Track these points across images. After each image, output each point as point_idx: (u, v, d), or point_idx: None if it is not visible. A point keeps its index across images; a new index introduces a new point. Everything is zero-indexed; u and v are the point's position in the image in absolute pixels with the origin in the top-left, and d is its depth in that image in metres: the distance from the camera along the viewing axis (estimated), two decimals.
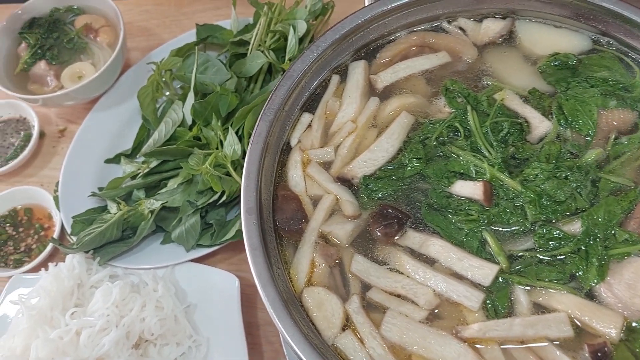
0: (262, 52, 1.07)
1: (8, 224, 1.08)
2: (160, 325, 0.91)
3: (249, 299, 0.99)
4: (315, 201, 0.68)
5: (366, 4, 0.75)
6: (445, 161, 0.67)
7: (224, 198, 0.98)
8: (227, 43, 1.18)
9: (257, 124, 0.67)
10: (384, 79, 0.74)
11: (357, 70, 0.74)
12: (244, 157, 0.99)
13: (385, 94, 0.74)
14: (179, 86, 1.17)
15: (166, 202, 0.98)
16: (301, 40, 1.10)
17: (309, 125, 0.72)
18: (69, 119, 1.22)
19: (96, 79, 1.09)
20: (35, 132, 1.15)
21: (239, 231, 0.97)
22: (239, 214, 1.02)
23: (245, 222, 0.62)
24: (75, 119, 1.22)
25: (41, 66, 1.13)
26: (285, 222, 0.66)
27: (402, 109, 0.72)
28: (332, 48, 0.73)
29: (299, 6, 1.16)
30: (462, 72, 0.75)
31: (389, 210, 0.64)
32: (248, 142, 1.01)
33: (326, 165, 0.71)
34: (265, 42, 1.10)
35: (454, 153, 0.68)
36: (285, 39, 1.11)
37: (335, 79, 0.75)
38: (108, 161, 1.12)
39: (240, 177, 0.97)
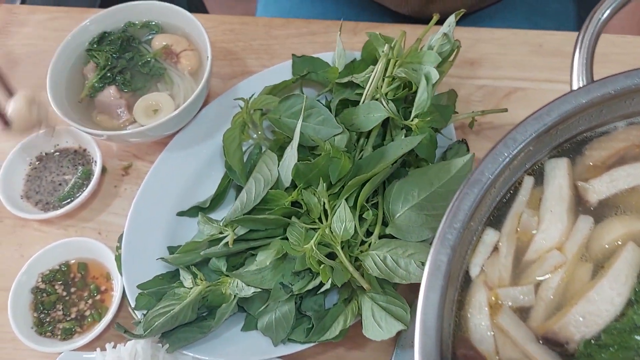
0: (380, 101, 0.88)
1: (58, 282, 0.91)
2: None
3: None
4: None
5: (575, 87, 0.55)
6: None
7: (327, 287, 0.79)
8: (328, 82, 0.99)
9: (433, 249, 0.48)
10: (598, 189, 0.54)
11: (559, 173, 0.55)
12: (354, 236, 0.80)
13: (599, 212, 0.54)
14: (266, 125, 0.99)
15: (258, 290, 0.79)
16: None
17: (495, 248, 0.53)
18: (134, 154, 1.04)
19: (176, 116, 0.90)
20: (97, 170, 0.97)
21: (344, 330, 0.79)
22: (340, 303, 0.84)
23: None
24: (142, 155, 1.04)
25: (111, 93, 0.95)
26: None
27: (627, 238, 0.52)
28: (534, 143, 0.53)
29: (421, 45, 0.96)
30: None
31: None
32: (360, 215, 0.83)
33: (523, 312, 0.51)
34: (380, 87, 0.91)
35: None
36: (406, 87, 0.91)
37: (528, 182, 0.55)
38: (181, 214, 0.94)
39: (350, 261, 0.79)
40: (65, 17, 1.22)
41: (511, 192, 0.55)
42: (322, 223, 0.81)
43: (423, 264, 0.73)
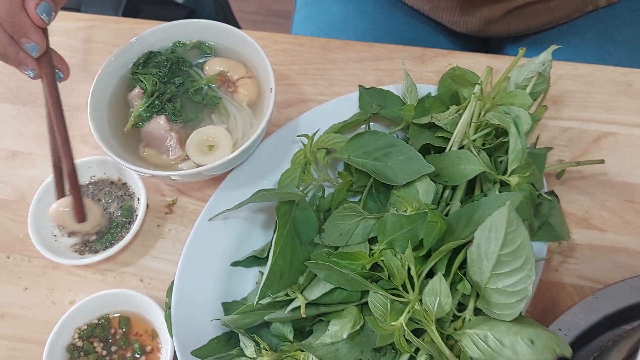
0: (470, 150, 0.78)
1: (97, 338, 0.80)
2: None
3: None
4: None
5: None
6: None
7: None
8: (400, 119, 0.89)
9: None
10: None
11: None
12: (450, 315, 0.71)
13: None
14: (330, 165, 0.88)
15: None
16: None
17: None
18: (179, 189, 0.93)
19: (236, 156, 0.80)
20: (140, 209, 0.86)
21: None
22: None
23: None
24: (187, 190, 0.93)
25: (160, 124, 0.84)
26: None
27: None
28: None
29: (510, 81, 0.86)
30: None
31: None
32: (455, 285, 0.73)
33: None
34: (466, 133, 0.81)
35: None
36: (498, 135, 0.81)
37: None
38: (236, 264, 0.84)
39: (446, 343, 0.69)
40: (96, 27, 1.10)
41: None
42: (406, 291, 0.71)
43: (532, 342, 0.64)
